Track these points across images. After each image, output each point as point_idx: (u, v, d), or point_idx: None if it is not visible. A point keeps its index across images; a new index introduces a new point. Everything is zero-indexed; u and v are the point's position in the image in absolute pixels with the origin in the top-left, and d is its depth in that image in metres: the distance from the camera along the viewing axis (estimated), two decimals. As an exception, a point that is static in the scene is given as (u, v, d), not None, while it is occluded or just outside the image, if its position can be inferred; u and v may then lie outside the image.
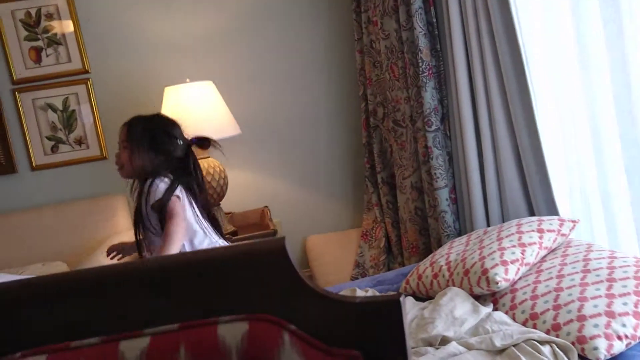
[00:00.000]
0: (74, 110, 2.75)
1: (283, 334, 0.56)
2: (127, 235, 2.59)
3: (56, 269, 2.41)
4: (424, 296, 1.86)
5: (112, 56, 2.72)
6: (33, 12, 2.67)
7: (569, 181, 2.06)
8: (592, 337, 1.30)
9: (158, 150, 1.70)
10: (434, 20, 2.29)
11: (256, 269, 0.59)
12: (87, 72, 2.72)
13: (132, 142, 1.70)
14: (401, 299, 0.58)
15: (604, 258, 1.58)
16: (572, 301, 1.43)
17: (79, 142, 2.77)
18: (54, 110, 2.74)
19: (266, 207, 2.74)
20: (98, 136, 2.76)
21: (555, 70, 2.02)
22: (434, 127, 2.30)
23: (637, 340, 1.32)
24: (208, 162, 2.46)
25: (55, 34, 2.70)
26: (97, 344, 0.54)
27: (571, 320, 1.38)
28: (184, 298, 0.58)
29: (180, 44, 2.75)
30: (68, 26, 2.69)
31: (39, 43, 2.69)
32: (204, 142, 1.82)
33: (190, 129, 2.35)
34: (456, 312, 1.55)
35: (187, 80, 2.47)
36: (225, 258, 0.58)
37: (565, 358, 1.28)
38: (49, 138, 2.75)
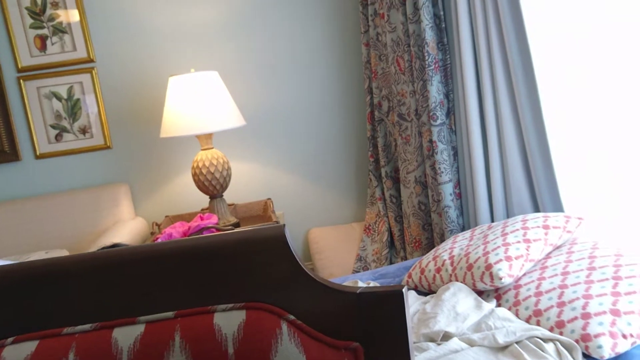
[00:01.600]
0: (78, 99, 2.74)
1: (281, 324, 0.55)
2: (129, 224, 2.59)
3: (58, 258, 2.41)
4: (426, 290, 1.85)
5: (117, 45, 2.71)
6: (39, 0, 2.66)
7: (576, 178, 2.04)
8: (597, 336, 1.29)
9: None
10: (442, 13, 2.26)
11: (255, 257, 0.57)
12: (92, 61, 2.71)
13: None
14: (404, 290, 0.57)
15: (609, 256, 1.56)
16: (577, 298, 1.41)
17: (83, 131, 2.77)
18: (59, 98, 2.73)
19: (269, 199, 2.73)
20: (102, 125, 2.76)
21: (564, 66, 1.99)
22: (439, 122, 2.28)
23: (642, 339, 1.30)
24: (212, 153, 2.45)
25: (61, 23, 2.68)
26: (90, 330, 0.53)
27: (575, 318, 1.36)
28: (180, 285, 0.57)
29: (185, 33, 2.74)
30: (74, 15, 2.68)
31: (45, 31, 2.68)
32: None
33: (195, 119, 2.35)
34: (459, 308, 1.53)
35: (192, 70, 2.45)
36: (224, 245, 0.57)
37: (569, 356, 1.27)
38: (53, 126, 2.75)
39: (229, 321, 0.53)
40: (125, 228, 2.51)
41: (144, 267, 0.55)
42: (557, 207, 1.98)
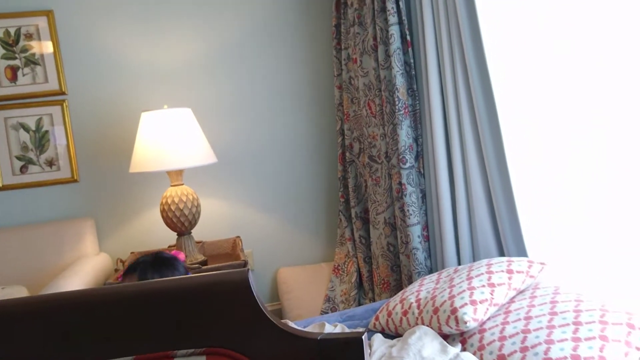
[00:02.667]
0: (47, 131, 2.71)
1: (241, 370, 0.54)
2: (92, 260, 2.52)
3: (17, 294, 2.32)
4: (393, 333, 1.84)
5: (90, 78, 2.71)
6: (12, 30, 2.66)
7: (538, 222, 2.09)
8: (558, 381, 1.30)
9: None
10: (412, 60, 2.35)
11: (218, 302, 0.57)
12: (63, 93, 2.69)
13: None
14: (364, 337, 0.57)
15: (570, 301, 1.60)
16: (539, 344, 1.43)
17: (50, 163, 2.72)
18: (26, 130, 2.69)
19: (238, 237, 2.71)
20: (70, 158, 2.72)
21: (528, 114, 2.08)
22: (408, 165, 2.33)
23: (602, 385, 1.33)
24: (182, 189, 2.43)
25: (34, 54, 2.67)
26: (43, 375, 0.52)
27: (537, 363, 1.37)
28: (140, 329, 0.56)
29: (160, 70, 2.76)
30: (47, 47, 2.68)
31: (16, 62, 2.66)
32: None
33: (166, 155, 2.34)
34: (424, 352, 1.54)
35: (165, 106, 2.46)
36: (185, 289, 0.57)
37: (530, 402, 1.27)
38: (18, 158, 2.69)
39: (188, 367, 0.53)
40: (89, 264, 2.44)
41: (101, 310, 0.55)
42: (521, 251, 2.02)
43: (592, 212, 1.89)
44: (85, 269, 2.37)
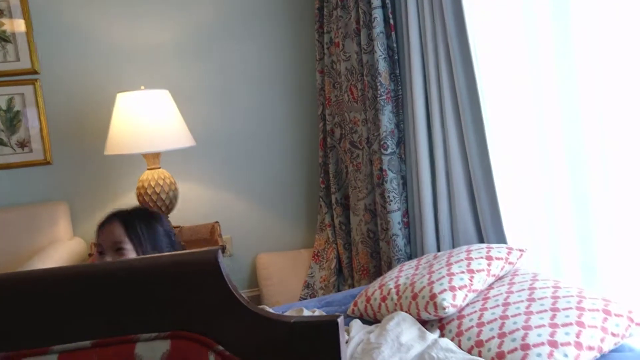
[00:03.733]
0: (18, 111, 2.61)
1: (208, 355, 0.51)
2: (66, 244, 2.45)
3: (-15, 279, 2.25)
4: (372, 319, 1.83)
5: (64, 58, 2.62)
6: (-18, 6, 2.55)
7: (518, 210, 2.10)
8: (535, 367, 1.30)
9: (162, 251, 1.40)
10: (395, 45, 2.32)
11: (185, 283, 0.54)
12: (36, 72, 2.60)
13: (134, 245, 1.37)
14: (339, 320, 0.55)
15: (548, 287, 1.60)
16: (517, 329, 1.43)
17: (22, 145, 2.63)
18: (-3, 109, 2.59)
19: (217, 222, 2.67)
20: (43, 140, 2.63)
21: (509, 102, 2.07)
22: (389, 151, 2.31)
23: (578, 371, 1.33)
24: (158, 173, 2.37)
25: (5, 31, 2.57)
26: (-6, 360, 0.48)
27: (515, 349, 1.37)
28: (101, 312, 0.52)
29: (137, 50, 2.68)
30: (19, 25, 2.57)
31: (-14, 39, 2.56)
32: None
33: (142, 137, 2.28)
34: (402, 338, 1.53)
35: (142, 87, 2.39)
36: (150, 269, 0.53)
37: (507, 387, 1.27)
38: (-12, 139, 2.60)
39: (151, 351, 0.49)
40: (62, 248, 2.37)
41: (61, 290, 0.51)
42: (500, 238, 2.03)
43: (572, 199, 1.90)
44: (58, 253, 2.30)
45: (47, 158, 2.64)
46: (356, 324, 1.74)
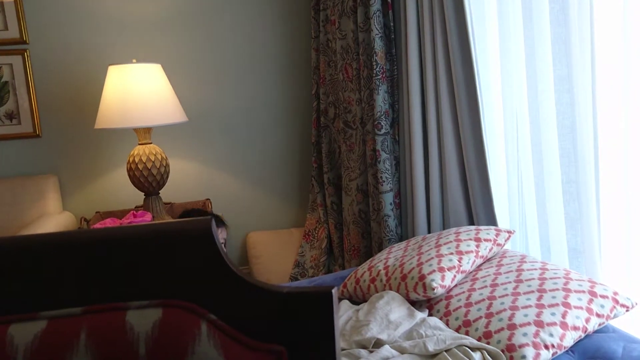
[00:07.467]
0: (7, 82, 2.57)
1: (201, 324, 0.51)
2: (54, 218, 2.43)
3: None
4: (361, 301, 1.84)
5: (54, 28, 2.56)
6: (-31, -28, 2.48)
7: (509, 193, 2.11)
8: (521, 346, 1.32)
9: None
10: (392, 24, 2.29)
11: (177, 251, 0.53)
12: (25, 42, 2.54)
13: None
14: (333, 291, 0.54)
15: (535, 269, 1.62)
16: (504, 310, 1.45)
17: (10, 116, 2.59)
18: (-16, 80, 2.54)
19: (208, 199, 2.66)
20: (32, 112, 2.59)
21: (505, 85, 2.06)
22: (383, 131, 2.30)
23: (563, 350, 1.35)
24: (150, 148, 2.35)
25: (-7, -1, 2.51)
26: (-18, 325, 0.47)
27: (502, 329, 1.39)
28: (92, 279, 0.52)
29: (130, 22, 2.63)
30: (7, -8, 2.51)
31: (-27, 7, 2.50)
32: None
33: (134, 111, 2.25)
34: (391, 316, 1.54)
35: (134, 60, 2.35)
36: (142, 236, 0.52)
37: (493, 365, 1.29)
38: (-24, 109, 2.55)
39: (142, 319, 0.49)
40: (51, 222, 2.36)
41: (52, 256, 0.50)
42: (490, 221, 2.04)
43: (562, 184, 1.91)
44: (47, 227, 2.29)
45: (36, 130, 2.60)
46: (345, 303, 1.76)
